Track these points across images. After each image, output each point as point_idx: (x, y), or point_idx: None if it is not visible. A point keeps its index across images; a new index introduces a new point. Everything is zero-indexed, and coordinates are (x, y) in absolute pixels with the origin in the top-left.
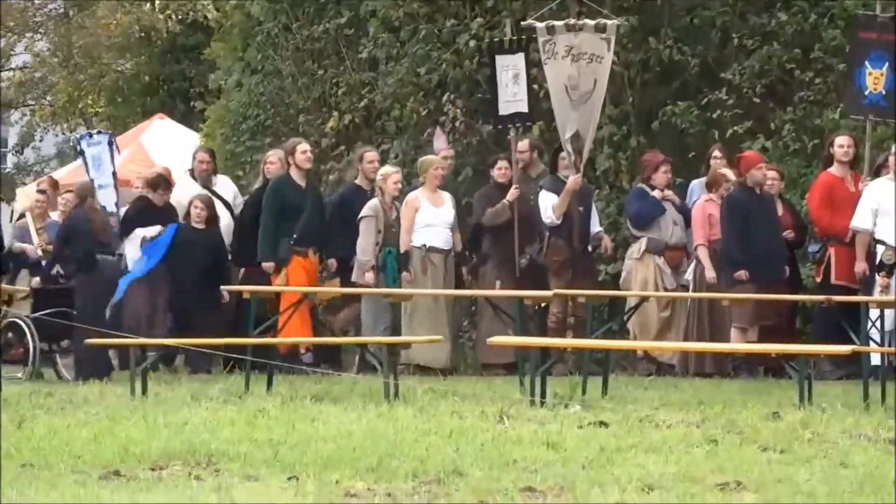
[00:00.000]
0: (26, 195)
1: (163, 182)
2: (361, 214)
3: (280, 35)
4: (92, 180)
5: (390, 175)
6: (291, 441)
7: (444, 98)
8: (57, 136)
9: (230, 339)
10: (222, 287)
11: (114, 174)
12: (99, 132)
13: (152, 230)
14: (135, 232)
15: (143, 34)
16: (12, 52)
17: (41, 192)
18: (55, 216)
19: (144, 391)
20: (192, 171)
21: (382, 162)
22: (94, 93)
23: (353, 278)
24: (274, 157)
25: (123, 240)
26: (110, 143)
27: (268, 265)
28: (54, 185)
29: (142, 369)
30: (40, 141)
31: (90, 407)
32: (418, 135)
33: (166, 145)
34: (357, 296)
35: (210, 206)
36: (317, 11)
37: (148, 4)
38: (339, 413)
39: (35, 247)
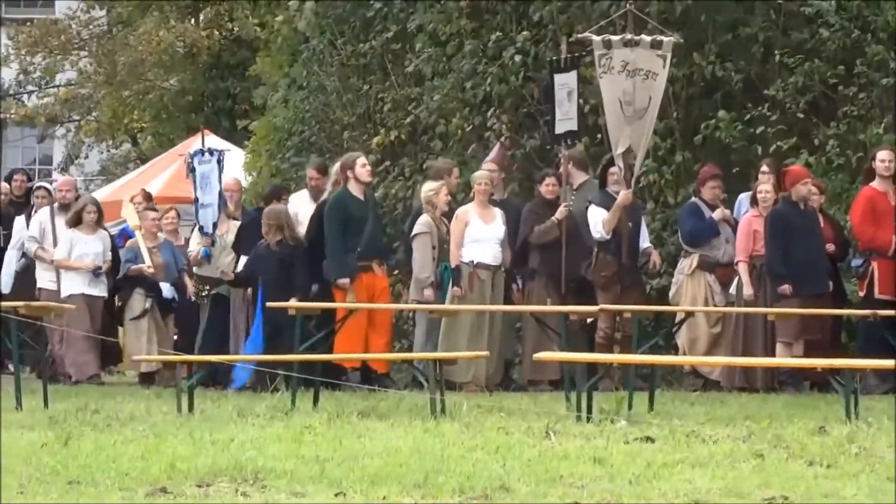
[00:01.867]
0: (134, 213)
1: (277, 194)
2: (416, 231)
3: (325, 51)
4: (197, 199)
5: (441, 190)
6: (338, 457)
7: (490, 113)
8: (102, 152)
9: (276, 356)
10: (267, 304)
11: (220, 193)
12: (211, 151)
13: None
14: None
15: (187, 50)
16: (58, 70)
17: (152, 209)
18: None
19: (191, 408)
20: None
21: (426, 178)
22: (139, 109)
23: (412, 296)
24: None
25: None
26: (219, 161)
27: (343, 282)
28: (147, 198)
29: (188, 386)
30: (85, 158)
31: (137, 424)
32: (463, 150)
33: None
34: None
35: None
36: (363, 27)
37: (192, 21)
38: (385, 429)
39: (148, 267)
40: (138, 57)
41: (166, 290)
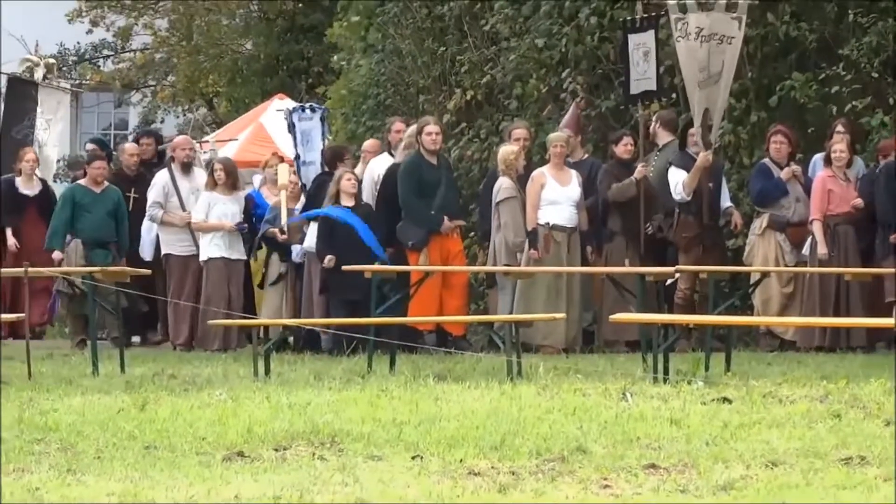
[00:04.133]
0: (287, 172)
1: (340, 155)
2: (503, 196)
3: (401, 14)
4: (298, 156)
5: (519, 153)
6: (415, 420)
7: (565, 74)
8: (178, 117)
9: (352, 319)
10: (343, 267)
11: (322, 151)
12: (313, 107)
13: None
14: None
15: (262, 14)
16: (132, 33)
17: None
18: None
19: (267, 372)
20: (389, 145)
21: (502, 140)
22: (215, 73)
23: (503, 261)
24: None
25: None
26: (323, 120)
27: (420, 245)
28: (280, 159)
29: (265, 350)
30: (161, 122)
31: (213, 388)
32: (539, 112)
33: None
34: None
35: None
36: None
37: None
38: (462, 392)
39: (281, 231)
40: (213, 20)
41: (295, 252)
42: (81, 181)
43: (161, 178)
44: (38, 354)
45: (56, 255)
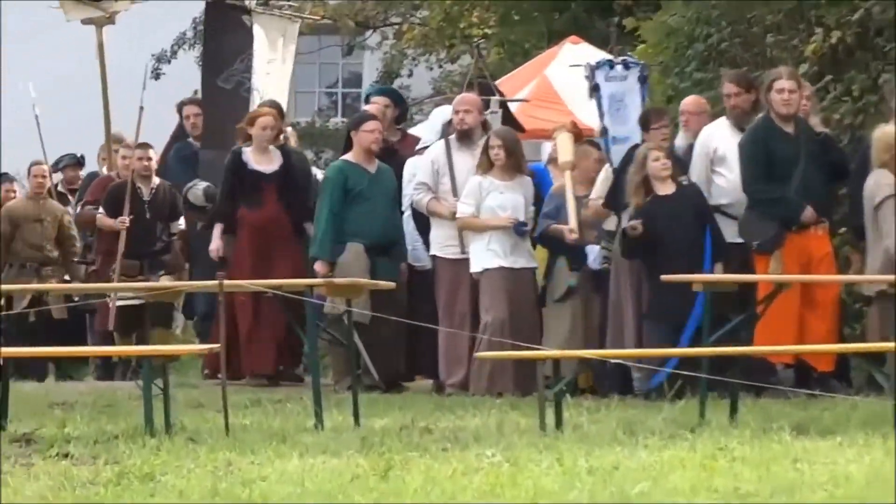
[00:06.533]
0: (570, 143)
1: (660, 119)
2: (883, 195)
3: None
4: (605, 129)
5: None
6: (765, 490)
7: None
8: (431, 68)
9: (674, 349)
10: (662, 277)
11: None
12: (626, 63)
13: None
14: None
15: None
16: None
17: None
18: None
19: (559, 423)
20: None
21: (882, 100)
22: (482, 8)
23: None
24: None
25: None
26: (642, 79)
27: (771, 245)
28: (576, 131)
29: (555, 392)
30: (409, 76)
31: (484, 446)
32: None
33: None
34: None
35: None
36: None
37: None
38: (831, 450)
39: (570, 231)
40: None
41: (592, 256)
42: (348, 156)
43: (433, 151)
44: (240, 401)
45: (320, 266)
